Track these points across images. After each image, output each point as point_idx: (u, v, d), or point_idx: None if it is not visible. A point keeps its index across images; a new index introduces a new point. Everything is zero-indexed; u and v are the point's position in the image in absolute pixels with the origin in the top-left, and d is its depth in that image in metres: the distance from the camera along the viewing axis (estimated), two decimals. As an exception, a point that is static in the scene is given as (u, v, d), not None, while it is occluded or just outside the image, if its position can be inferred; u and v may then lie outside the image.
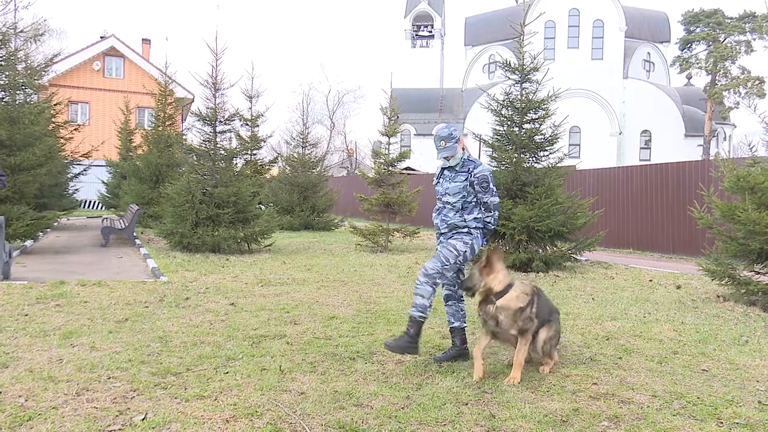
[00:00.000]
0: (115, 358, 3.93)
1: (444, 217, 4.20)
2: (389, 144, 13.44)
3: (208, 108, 11.65)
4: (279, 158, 22.57)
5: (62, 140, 14.70)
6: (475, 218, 4.12)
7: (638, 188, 13.85)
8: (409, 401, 3.34)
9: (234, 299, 6.25)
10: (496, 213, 4.18)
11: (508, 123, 10.46)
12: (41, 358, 3.87)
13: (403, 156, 13.60)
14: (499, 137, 10.58)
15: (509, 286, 3.94)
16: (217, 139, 11.76)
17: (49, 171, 11.45)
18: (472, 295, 4.05)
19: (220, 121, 11.79)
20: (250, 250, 11.36)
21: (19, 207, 9.81)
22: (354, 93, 68.38)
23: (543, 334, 3.97)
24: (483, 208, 4.13)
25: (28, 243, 10.77)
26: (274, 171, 22.53)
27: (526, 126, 10.35)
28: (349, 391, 3.47)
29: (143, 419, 2.91)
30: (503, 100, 10.55)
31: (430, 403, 3.31)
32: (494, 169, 10.49)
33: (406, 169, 23.02)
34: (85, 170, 16.32)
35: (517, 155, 10.24)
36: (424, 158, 35.09)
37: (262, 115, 20.59)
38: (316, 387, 3.53)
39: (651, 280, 8.54)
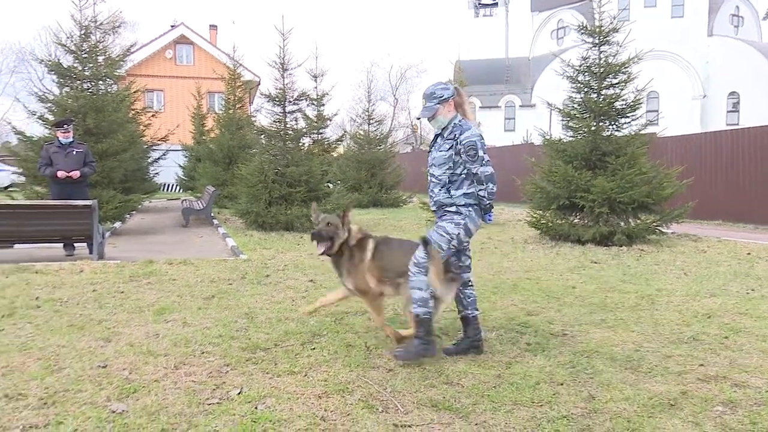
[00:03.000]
0: (207, 333, 4.04)
1: (431, 193, 3.68)
2: (458, 117, 13.15)
3: (277, 88, 11.79)
4: (345, 136, 22.70)
5: (142, 126, 15.35)
6: (465, 194, 3.55)
7: (729, 155, 12.93)
8: (501, 380, 3.24)
9: (312, 276, 6.32)
10: (491, 185, 3.52)
11: (585, 89, 9.96)
12: (139, 333, 4.04)
13: (473, 129, 13.27)
14: (575, 105, 10.11)
15: None
16: (287, 119, 11.91)
17: (132, 156, 11.98)
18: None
19: (289, 101, 11.91)
20: (323, 228, 11.47)
21: (107, 191, 10.34)
22: (416, 68, 67.70)
23: None
24: (475, 181, 3.53)
25: (117, 225, 11.36)
26: (340, 149, 22.70)
27: (605, 92, 9.82)
28: (437, 368, 3.41)
29: (239, 393, 2.97)
30: (580, 66, 10.04)
31: (522, 382, 3.20)
32: (570, 138, 10.08)
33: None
34: (163, 155, 16.98)
35: (595, 123, 9.75)
36: (491, 131, 34.28)
37: (328, 94, 20.68)
38: (403, 363, 3.48)
39: (749, 254, 7.97)
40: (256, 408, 2.79)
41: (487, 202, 3.58)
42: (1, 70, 68.42)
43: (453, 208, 3.58)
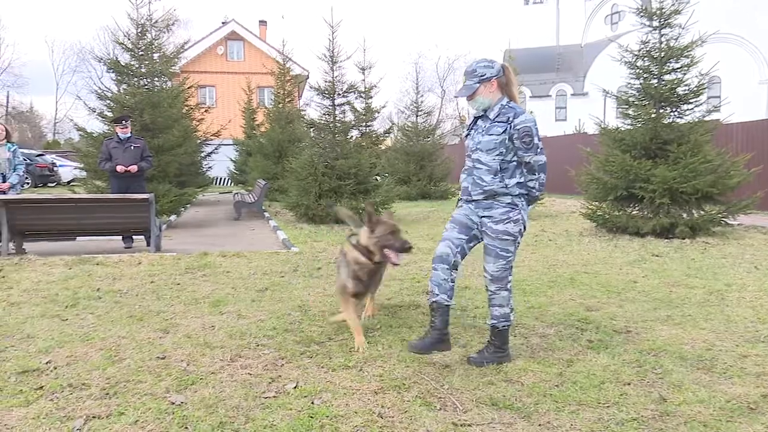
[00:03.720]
0: (261, 326, 4.06)
1: (478, 181, 3.25)
2: (509, 107, 12.87)
3: (326, 81, 11.81)
4: (393, 128, 22.61)
5: (195, 122, 15.72)
6: (518, 183, 3.23)
7: (802, 142, 12.12)
8: (563, 378, 3.11)
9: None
10: (543, 176, 3.24)
11: (645, 75, 9.52)
12: (195, 324, 4.10)
13: (524, 119, 12.95)
14: (634, 92, 9.69)
15: None
16: (336, 112, 11.93)
17: (186, 151, 12.29)
18: None
19: (339, 94, 11.91)
20: (372, 221, 11.45)
21: (163, 185, 10.63)
22: (464, 58, 66.51)
23: None
24: (526, 171, 3.24)
25: (173, 218, 11.67)
26: (388, 141, 22.65)
27: (666, 77, 9.36)
28: (494, 365, 3.30)
29: (295, 387, 2.95)
30: (639, 50, 9.60)
31: (586, 381, 3.05)
32: (628, 126, 9.67)
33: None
34: (215, 149, 17.36)
35: (655, 110, 9.32)
36: (541, 121, 33.47)
37: (375, 86, 20.64)
38: (460, 360, 3.39)
39: (826, 246, 7.45)
40: (312, 403, 2.76)
41: (537, 193, 3.31)
42: (64, 70, 71.81)
43: (507, 199, 3.23)
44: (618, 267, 6.50)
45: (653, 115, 9.25)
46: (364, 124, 18.81)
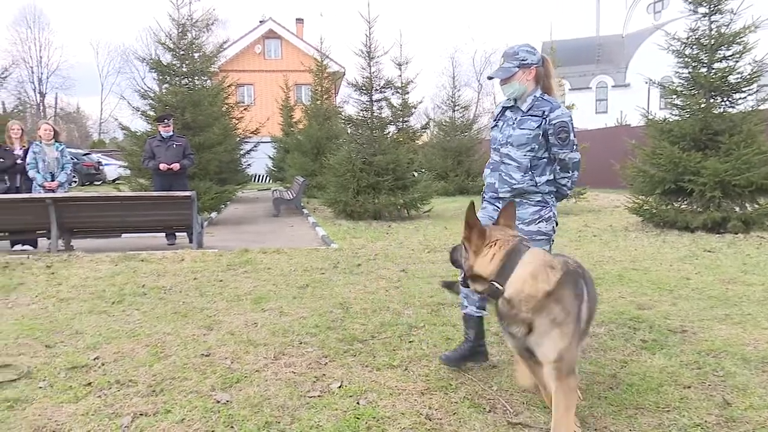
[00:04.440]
0: (303, 323, 4.03)
1: (506, 178, 3.04)
2: (550, 100, 12.61)
3: (363, 77, 11.77)
4: (430, 123, 22.44)
5: (234, 120, 15.91)
6: (548, 181, 3.04)
7: None
8: (617, 381, 2.97)
9: (404, 265, 6.21)
10: (576, 174, 3.06)
11: (694, 64, 9.13)
12: (238, 321, 4.10)
13: (566, 111, 12.64)
14: (682, 81, 9.32)
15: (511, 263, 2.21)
16: (373, 108, 11.88)
17: (226, 149, 12.46)
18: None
19: (376, 90, 11.86)
20: (410, 216, 11.39)
21: (204, 182, 10.79)
22: (501, 52, 65.69)
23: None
24: (559, 168, 3.04)
25: (213, 215, 11.84)
26: (424, 137, 22.49)
27: (717, 65, 8.96)
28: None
29: (339, 387, 2.90)
30: (687, 38, 9.22)
31: (643, 383, 2.91)
32: (676, 117, 9.31)
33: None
34: (254, 147, 17.56)
35: (705, 100, 8.93)
36: (582, 114, 32.73)
37: (412, 81, 20.53)
38: (507, 360, 3.29)
39: None
40: (357, 403, 2.70)
41: (567, 191, 3.12)
42: (108, 71, 74.03)
43: (537, 197, 3.03)
44: (668, 263, 6.25)
45: (703, 105, 8.88)
46: (401, 119, 18.77)
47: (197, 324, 4.02)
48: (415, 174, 13.06)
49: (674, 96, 9.37)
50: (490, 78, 3.05)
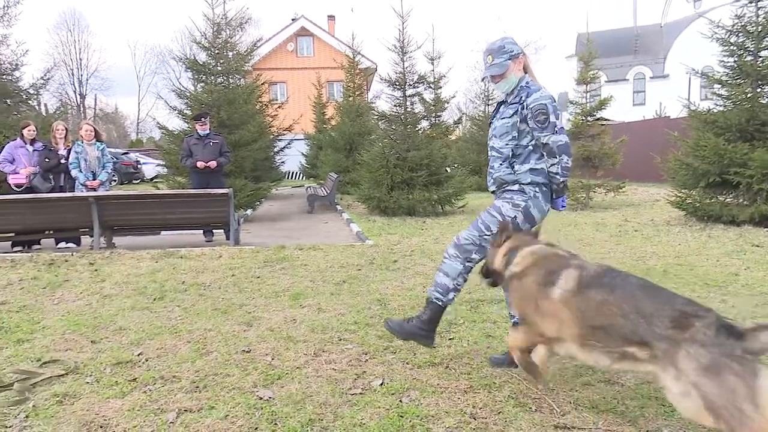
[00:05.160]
0: (342, 320, 4.01)
1: (490, 170, 3.03)
2: (587, 92, 12.36)
3: (396, 72, 11.71)
4: (463, 118, 22.26)
5: (268, 118, 16.05)
6: (531, 169, 2.88)
7: None
8: (669, 380, 2.85)
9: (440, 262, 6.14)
10: (565, 158, 2.83)
11: (740, 52, 8.80)
12: (277, 318, 4.11)
13: (603, 103, 12.37)
14: (726, 70, 8.99)
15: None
16: (407, 103, 11.81)
17: (261, 146, 12.56)
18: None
19: (409, 85, 11.80)
20: (444, 212, 11.30)
21: (239, 180, 10.90)
22: (534, 45, 64.58)
23: None
24: (545, 154, 2.86)
25: (249, 212, 11.98)
26: (457, 132, 22.31)
27: (765, 53, 8.61)
28: (591, 364, 3.08)
29: (381, 384, 2.87)
30: (732, 26, 8.88)
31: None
32: (721, 108, 8.98)
33: (596, 119, 21.19)
34: (288, 144, 17.68)
35: (752, 89, 8.60)
36: (618, 106, 31.95)
37: (445, 76, 20.37)
38: (553, 359, 3.20)
39: None
40: (400, 401, 2.67)
41: (561, 179, 2.88)
42: (145, 72, 75.75)
43: (515, 187, 2.91)
44: (715, 258, 6.03)
45: (749, 95, 8.56)
46: (433, 114, 18.66)
47: (237, 320, 4.05)
48: (449, 169, 12.98)
49: (718, 86, 9.05)
50: (483, 79, 3.00)
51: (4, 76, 10.47)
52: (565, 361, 3.12)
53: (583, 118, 12.32)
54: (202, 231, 8.34)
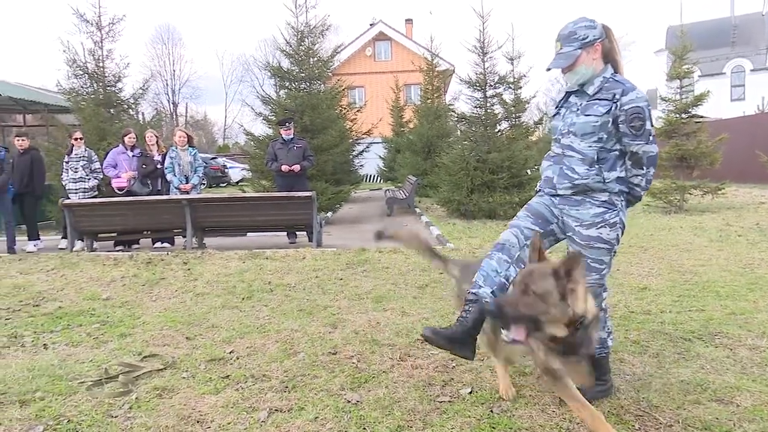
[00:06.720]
0: (426, 324, 3.95)
1: (568, 172, 2.56)
2: (681, 88, 11.63)
3: (477, 73, 11.53)
4: (543, 118, 21.57)
5: (348, 122, 16.29)
6: (618, 178, 2.52)
7: None
8: (792, 401, 2.59)
9: (525, 266, 5.95)
10: (652, 171, 2.52)
11: None
12: (361, 320, 4.11)
13: (700, 99, 11.57)
14: None
15: None
16: (487, 104, 11.60)
17: (341, 150, 12.75)
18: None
19: (490, 86, 11.58)
20: (527, 216, 10.96)
21: (320, 183, 11.11)
22: (621, 41, 61.71)
23: None
24: (631, 163, 2.53)
25: (329, 214, 12.18)
26: (537, 132, 21.67)
27: None
28: (698, 381, 2.85)
29: (470, 393, 2.79)
30: None
31: (826, 407, 2.50)
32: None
33: (691, 116, 19.90)
34: (366, 147, 17.86)
35: None
36: (716, 102, 29.88)
37: (525, 75, 19.88)
38: (653, 372, 2.99)
39: None
40: (491, 411, 2.57)
41: (641, 192, 2.60)
42: (231, 80, 79.26)
43: (603, 197, 2.52)
44: (836, 268, 5.46)
45: None
46: (514, 115, 18.25)
47: (322, 321, 4.09)
48: (529, 172, 12.61)
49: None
50: (548, 69, 2.59)
51: (109, 87, 11.25)
52: (669, 376, 2.91)
53: (677, 115, 11.60)
54: (286, 233, 8.56)
